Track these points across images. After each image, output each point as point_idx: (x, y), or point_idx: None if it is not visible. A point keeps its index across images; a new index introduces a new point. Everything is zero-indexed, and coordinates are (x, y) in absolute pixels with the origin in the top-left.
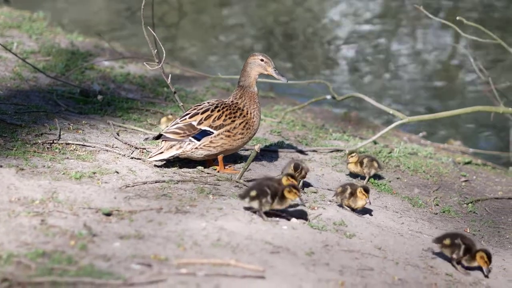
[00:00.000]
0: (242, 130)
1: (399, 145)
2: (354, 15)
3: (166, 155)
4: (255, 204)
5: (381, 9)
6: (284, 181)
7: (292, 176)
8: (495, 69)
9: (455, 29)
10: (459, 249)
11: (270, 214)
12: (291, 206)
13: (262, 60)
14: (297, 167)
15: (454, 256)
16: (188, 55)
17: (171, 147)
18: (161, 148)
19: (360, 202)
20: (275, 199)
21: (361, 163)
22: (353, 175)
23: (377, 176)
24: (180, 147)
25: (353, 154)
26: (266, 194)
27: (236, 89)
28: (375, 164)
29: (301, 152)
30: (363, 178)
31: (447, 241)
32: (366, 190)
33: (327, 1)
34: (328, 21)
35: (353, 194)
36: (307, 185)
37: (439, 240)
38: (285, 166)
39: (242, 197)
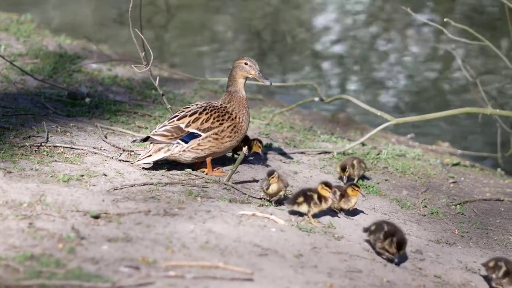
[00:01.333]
0: (230, 133)
1: (387, 147)
2: (342, 18)
3: (154, 158)
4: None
5: (370, 11)
6: (319, 189)
7: (327, 185)
8: (483, 71)
9: (444, 32)
10: (499, 270)
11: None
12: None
13: (246, 63)
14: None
15: (494, 276)
16: (176, 57)
17: (159, 150)
18: (149, 151)
19: (353, 200)
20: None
21: (353, 166)
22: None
23: (365, 178)
24: (168, 150)
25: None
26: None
27: (225, 94)
28: (362, 165)
29: (289, 154)
30: (350, 180)
31: (491, 263)
32: (357, 186)
33: (315, 3)
34: (316, 23)
35: (343, 195)
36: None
37: (485, 264)
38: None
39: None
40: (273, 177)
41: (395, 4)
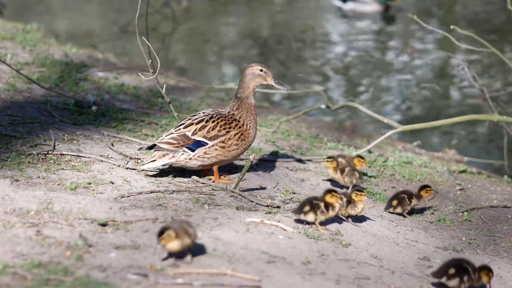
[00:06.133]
0: (237, 141)
1: (394, 154)
2: (348, 25)
3: (158, 163)
4: None
5: (375, 18)
6: (329, 198)
7: (335, 191)
8: (488, 77)
9: (449, 38)
10: None
11: None
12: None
13: (261, 70)
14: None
15: None
16: (182, 65)
17: (164, 156)
18: (153, 156)
19: (360, 206)
20: None
21: (342, 171)
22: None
23: (372, 185)
24: (173, 156)
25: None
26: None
27: (234, 101)
28: (356, 174)
29: (296, 161)
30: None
31: None
32: (360, 190)
33: (320, 11)
34: (322, 31)
35: (349, 201)
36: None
37: None
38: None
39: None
40: (162, 238)
41: (401, 12)
